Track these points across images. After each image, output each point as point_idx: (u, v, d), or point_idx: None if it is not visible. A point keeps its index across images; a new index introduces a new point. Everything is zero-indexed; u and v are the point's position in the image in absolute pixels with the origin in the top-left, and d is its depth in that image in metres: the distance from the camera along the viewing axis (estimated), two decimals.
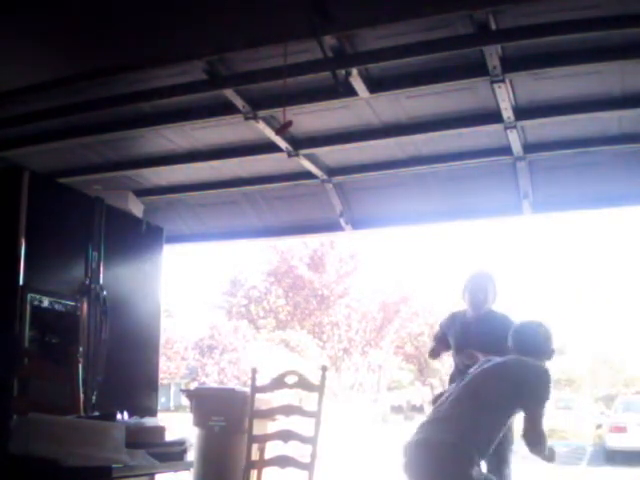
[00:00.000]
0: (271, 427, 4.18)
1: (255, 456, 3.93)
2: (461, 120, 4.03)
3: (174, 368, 24.00)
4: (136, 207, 5.08)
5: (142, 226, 4.90)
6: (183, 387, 20.30)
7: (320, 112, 4.06)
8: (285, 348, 22.70)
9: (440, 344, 4.63)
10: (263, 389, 3.86)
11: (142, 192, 5.22)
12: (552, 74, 3.57)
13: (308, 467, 3.58)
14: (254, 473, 3.90)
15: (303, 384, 3.75)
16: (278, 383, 3.83)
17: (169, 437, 2.79)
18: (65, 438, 2.28)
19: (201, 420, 4.74)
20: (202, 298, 30.66)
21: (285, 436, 3.72)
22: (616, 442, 14.21)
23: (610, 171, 4.36)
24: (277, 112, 3.86)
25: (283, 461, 3.70)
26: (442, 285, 25.03)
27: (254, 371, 3.93)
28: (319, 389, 3.71)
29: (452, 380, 4.23)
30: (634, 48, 3.25)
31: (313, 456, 3.55)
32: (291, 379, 3.79)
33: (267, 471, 3.87)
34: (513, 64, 3.44)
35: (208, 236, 5.76)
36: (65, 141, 4.43)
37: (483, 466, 3.13)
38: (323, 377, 3.72)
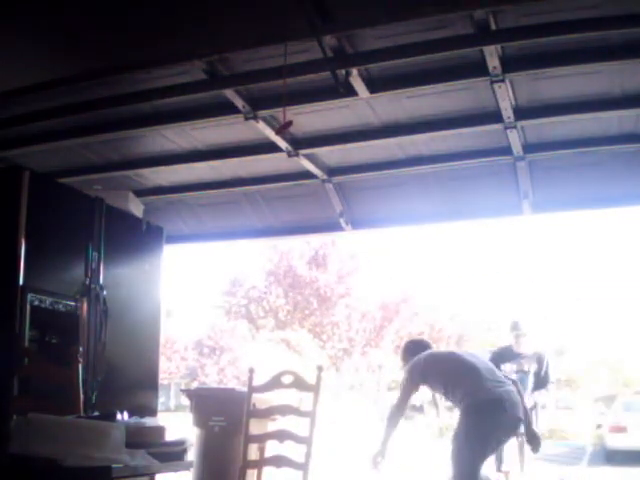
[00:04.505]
0: (271, 427, 4.17)
1: (255, 456, 3.93)
2: (461, 120, 4.03)
3: (174, 368, 24.00)
4: (136, 207, 5.07)
5: (142, 226, 4.90)
6: (183, 387, 20.27)
7: (320, 112, 4.06)
8: (285, 348, 22.69)
9: None
10: (260, 389, 3.86)
11: (142, 192, 5.22)
12: (552, 74, 3.57)
13: (303, 467, 3.58)
14: (252, 473, 3.90)
15: (299, 384, 3.74)
16: (274, 383, 3.82)
17: (169, 437, 2.78)
18: (65, 438, 2.28)
19: (201, 420, 4.73)
20: (202, 298, 30.67)
21: (280, 436, 3.72)
22: (616, 442, 14.16)
23: (610, 171, 4.36)
24: (277, 112, 3.86)
25: (278, 461, 3.70)
26: (442, 285, 25.07)
27: (251, 371, 3.92)
28: (315, 389, 3.70)
29: None
30: (634, 48, 3.25)
31: (308, 456, 3.55)
32: (287, 379, 3.77)
33: (265, 471, 3.87)
34: (513, 64, 3.44)
35: (208, 236, 5.76)
36: (65, 141, 4.43)
37: None
38: (319, 377, 3.70)
